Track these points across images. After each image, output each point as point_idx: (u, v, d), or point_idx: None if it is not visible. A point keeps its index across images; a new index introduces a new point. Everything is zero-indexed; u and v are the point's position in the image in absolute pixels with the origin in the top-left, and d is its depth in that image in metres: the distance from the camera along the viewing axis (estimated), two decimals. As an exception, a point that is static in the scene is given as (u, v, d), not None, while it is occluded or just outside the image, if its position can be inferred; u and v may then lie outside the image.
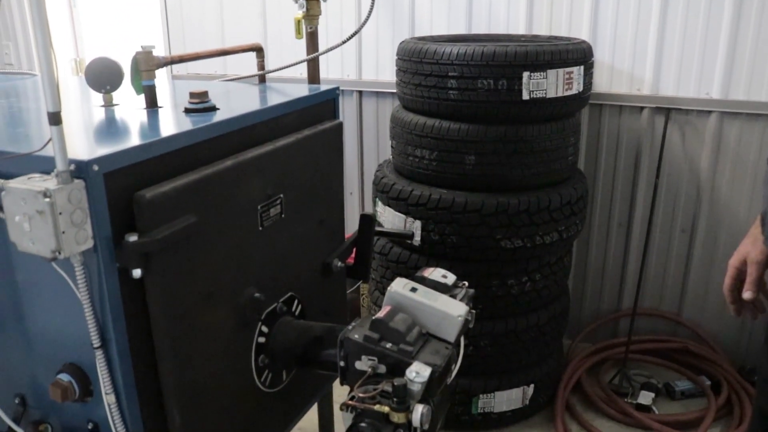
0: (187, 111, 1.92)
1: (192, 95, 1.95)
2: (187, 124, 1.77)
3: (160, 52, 4.32)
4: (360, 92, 4.05)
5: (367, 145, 4.14)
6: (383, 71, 3.90)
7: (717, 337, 3.62)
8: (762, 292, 1.65)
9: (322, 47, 3.19)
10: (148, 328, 1.53)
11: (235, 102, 2.18)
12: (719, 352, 3.57)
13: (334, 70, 4.03)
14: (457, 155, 2.82)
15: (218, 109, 1.94)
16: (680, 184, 3.54)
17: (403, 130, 2.99)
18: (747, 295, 1.61)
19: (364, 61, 3.98)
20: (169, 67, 2.66)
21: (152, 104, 2.00)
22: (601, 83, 3.51)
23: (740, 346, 3.59)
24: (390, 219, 3.00)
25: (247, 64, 2.52)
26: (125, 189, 1.44)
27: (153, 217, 1.45)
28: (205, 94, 1.96)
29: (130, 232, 1.43)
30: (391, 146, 3.17)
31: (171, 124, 1.87)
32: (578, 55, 2.84)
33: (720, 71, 3.29)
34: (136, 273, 1.44)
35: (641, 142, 3.53)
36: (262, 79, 2.60)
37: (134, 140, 1.58)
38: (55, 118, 1.30)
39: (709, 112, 3.38)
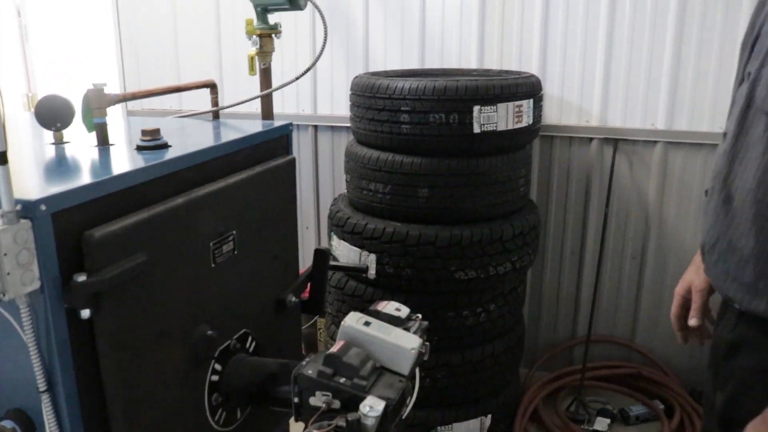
0: (139, 148, 1.91)
1: (144, 133, 1.94)
2: (138, 161, 1.77)
3: (114, 87, 4.35)
4: (315, 127, 4.08)
5: (323, 179, 4.16)
6: (338, 106, 3.93)
7: (669, 362, 3.70)
8: (707, 318, 1.70)
9: (277, 81, 3.21)
10: (97, 369, 1.51)
11: (188, 139, 2.18)
12: (671, 376, 3.64)
13: (289, 105, 4.06)
14: (411, 188, 2.85)
15: (170, 146, 1.93)
16: (629, 213, 3.64)
17: (357, 165, 3.02)
18: (692, 322, 1.66)
19: (319, 95, 4.01)
20: (123, 103, 2.65)
21: (104, 142, 1.99)
22: (552, 115, 3.60)
23: (691, 369, 3.67)
24: (345, 253, 3.01)
25: (203, 98, 2.53)
26: (74, 228, 1.43)
27: (102, 256, 1.44)
28: (157, 131, 1.95)
29: (79, 272, 1.41)
30: (346, 180, 3.20)
31: (122, 162, 1.86)
32: (527, 88, 2.92)
33: (664, 103, 3.41)
34: (85, 314, 1.42)
35: (591, 172, 3.62)
36: (215, 115, 2.60)
37: (84, 179, 1.57)
38: (0, 158, 1.29)
39: (655, 142, 3.50)
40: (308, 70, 2.57)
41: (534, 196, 3.70)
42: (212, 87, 2.57)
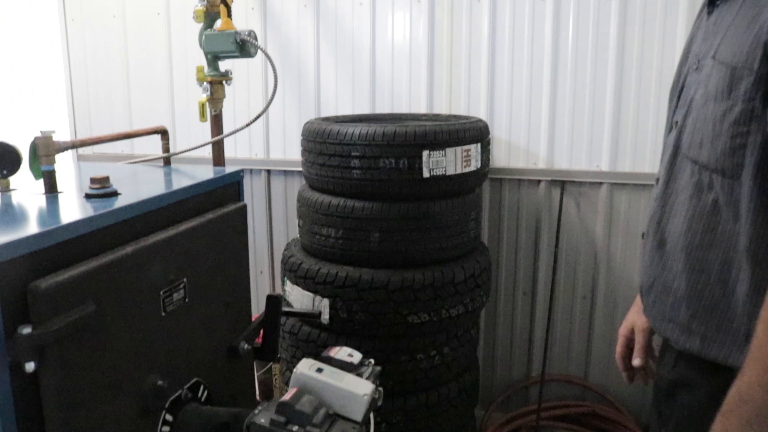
0: (88, 197, 1.90)
1: (93, 180, 1.93)
2: (87, 210, 1.75)
3: (65, 133, 4.29)
4: (268, 171, 4.09)
5: (276, 223, 4.16)
6: (291, 150, 3.96)
7: (623, 399, 3.75)
8: (650, 357, 1.75)
9: (229, 125, 3.23)
10: (42, 424, 1.47)
11: (138, 186, 2.17)
12: (625, 413, 3.69)
13: (242, 149, 4.07)
14: (362, 233, 2.87)
15: (120, 194, 1.92)
16: (579, 252, 3.72)
17: (309, 210, 3.03)
18: (636, 362, 1.71)
19: (271, 140, 4.04)
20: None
21: (51, 189, 1.97)
22: (500, 158, 3.69)
23: (645, 406, 3.73)
24: (299, 297, 3.01)
25: (155, 141, 2.53)
26: (19, 279, 1.41)
27: (48, 307, 1.42)
28: (106, 179, 1.94)
29: (24, 324, 1.39)
30: (299, 225, 3.21)
31: (70, 210, 1.84)
32: (475, 133, 2.99)
33: (607, 146, 3.52)
34: (30, 367, 1.39)
35: (540, 213, 3.70)
36: (166, 161, 2.60)
37: (30, 229, 1.55)
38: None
39: (600, 183, 3.60)
40: (258, 117, 2.59)
41: (485, 237, 3.76)
42: (163, 133, 2.56)
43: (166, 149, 2.58)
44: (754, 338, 1.05)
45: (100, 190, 1.91)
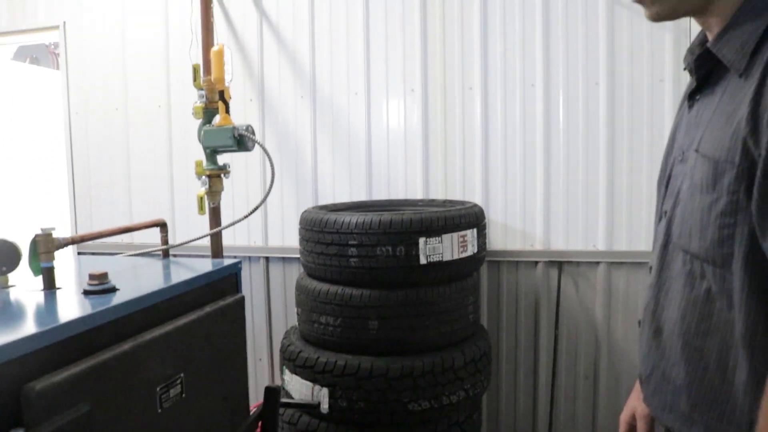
0: (86, 293, 1.91)
1: (91, 277, 1.95)
2: (85, 308, 1.76)
3: (66, 222, 4.33)
4: (267, 258, 4.11)
5: (275, 311, 4.15)
6: (289, 237, 4.00)
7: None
8: None
9: (228, 213, 3.27)
10: None
11: (137, 281, 2.18)
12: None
13: (240, 237, 4.10)
14: (361, 321, 2.87)
15: (118, 289, 1.94)
16: (579, 332, 3.70)
17: (307, 298, 3.04)
18: None
19: (270, 227, 4.08)
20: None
21: (50, 286, 1.99)
22: (497, 241, 3.71)
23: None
24: (297, 387, 2.98)
25: (155, 232, 2.57)
26: (13, 381, 1.40)
27: (42, 409, 1.41)
28: (104, 275, 1.96)
29: (17, 427, 1.38)
30: (297, 313, 3.21)
31: (68, 307, 1.84)
32: (471, 219, 3.02)
33: (602, 225, 3.56)
34: (22, 470, 1.37)
35: (539, 294, 3.70)
36: (165, 253, 2.62)
37: (26, 329, 1.55)
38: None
39: (598, 263, 3.61)
40: (256, 209, 2.64)
41: (484, 321, 3.75)
42: (162, 226, 2.60)
43: (165, 241, 2.61)
44: (756, 430, 1.05)
45: (99, 286, 1.93)
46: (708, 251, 1.19)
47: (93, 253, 4.33)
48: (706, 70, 1.23)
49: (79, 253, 4.44)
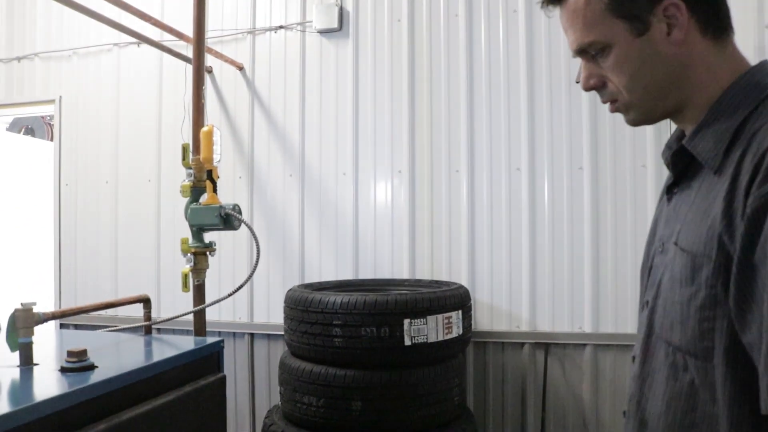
0: (63, 370, 1.89)
1: (70, 354, 1.93)
2: (61, 386, 1.73)
3: (50, 295, 4.30)
4: (252, 335, 4.08)
5: (259, 389, 4.09)
6: (275, 314, 3.97)
7: None
8: None
9: (214, 290, 3.26)
10: None
11: (116, 358, 2.16)
12: None
13: (226, 313, 4.08)
14: (344, 402, 2.83)
15: (96, 367, 1.91)
16: (566, 415, 3.65)
17: (290, 377, 3.00)
18: None
19: (256, 304, 4.06)
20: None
21: (27, 362, 1.96)
22: (483, 322, 3.70)
23: None
24: (278, 470, 2.91)
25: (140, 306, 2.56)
26: (-16, 464, 1.38)
27: (12, 496, 1.38)
28: (83, 352, 1.94)
29: None
30: (280, 392, 3.16)
31: (43, 386, 1.81)
32: (456, 300, 3.03)
33: (588, 307, 3.56)
34: None
35: (525, 376, 3.66)
36: (148, 329, 2.60)
37: None
38: None
39: (584, 345, 3.60)
40: (239, 288, 2.65)
41: (471, 403, 3.70)
42: (145, 302, 2.59)
43: (147, 318, 2.59)
44: None
45: (77, 363, 1.90)
46: (689, 344, 1.19)
47: (76, 326, 4.28)
48: (682, 165, 1.27)
49: (61, 326, 4.39)
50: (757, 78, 1.15)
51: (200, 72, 2.96)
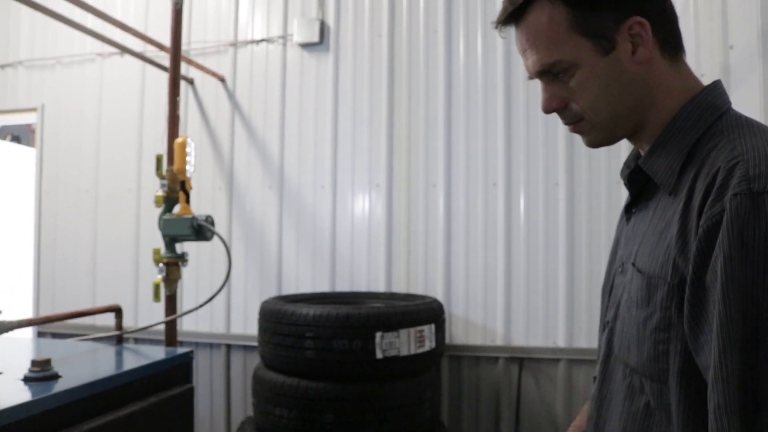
0: (27, 380, 1.89)
1: (34, 363, 1.93)
2: (21, 395, 1.74)
3: (28, 304, 4.29)
4: (228, 346, 4.08)
5: (235, 400, 4.09)
6: (251, 326, 3.97)
7: None
8: None
9: (191, 298, 3.26)
10: None
11: (82, 368, 2.15)
12: None
13: (203, 323, 4.08)
14: (315, 414, 2.84)
15: (60, 377, 1.91)
16: (540, 429, 3.66)
17: (263, 388, 3.01)
18: None
19: (232, 315, 4.06)
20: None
21: (-9, 371, 1.96)
22: (458, 335, 3.72)
23: None
24: (248, 481, 2.91)
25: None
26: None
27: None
28: (47, 362, 1.94)
29: None
30: (253, 404, 3.16)
31: (4, 395, 1.82)
32: (429, 314, 3.04)
33: (563, 322, 3.59)
34: None
35: (499, 390, 3.68)
36: (120, 339, 2.61)
37: (-42, 419, 1.53)
38: None
39: (558, 360, 3.62)
40: (209, 301, 2.67)
41: (445, 416, 3.71)
42: (117, 311, 2.60)
43: (119, 327, 2.60)
44: None
45: (40, 373, 1.90)
46: (645, 366, 1.19)
47: (53, 335, 4.27)
48: (639, 184, 1.27)
49: (39, 334, 4.38)
50: (710, 98, 1.15)
51: (176, 83, 2.98)
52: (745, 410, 0.95)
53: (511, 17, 1.20)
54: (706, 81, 1.18)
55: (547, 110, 1.22)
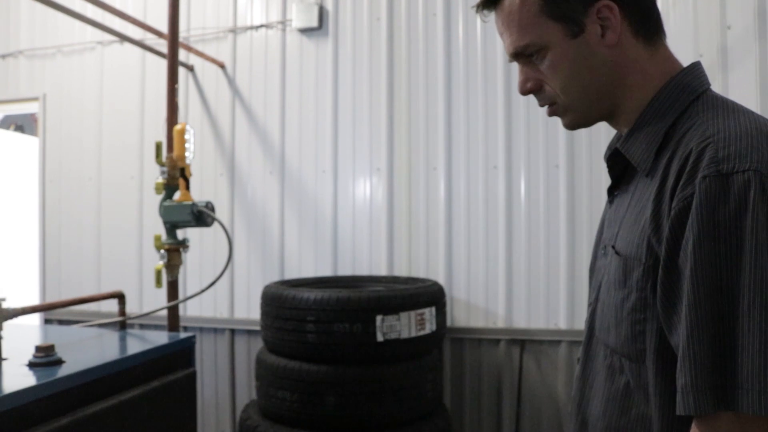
0: (31, 365, 1.92)
1: (38, 349, 1.96)
2: (26, 380, 1.77)
3: (34, 291, 4.33)
4: (232, 330, 4.11)
5: (239, 384, 4.13)
6: (254, 310, 4.00)
7: None
8: None
9: (194, 282, 3.28)
10: None
11: (85, 353, 2.19)
12: None
13: (207, 308, 4.11)
14: (317, 397, 2.87)
15: (64, 362, 1.95)
16: (541, 411, 3.69)
17: (265, 372, 3.04)
18: None
19: (236, 300, 4.09)
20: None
21: (-5, 357, 2.00)
22: (460, 318, 3.74)
23: None
24: (253, 463, 2.95)
25: (129, 298, 2.60)
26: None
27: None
28: (51, 347, 1.97)
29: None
30: (256, 387, 3.20)
31: (9, 380, 1.85)
32: (429, 297, 3.06)
33: (564, 304, 3.60)
34: None
35: (501, 372, 3.71)
36: (123, 325, 2.64)
37: (-40, 403, 1.56)
38: None
39: (559, 341, 3.64)
40: (208, 287, 2.70)
41: (447, 398, 3.74)
42: (120, 297, 2.62)
43: (122, 313, 2.63)
44: None
45: (44, 358, 1.94)
46: (623, 346, 1.21)
47: (60, 321, 4.32)
48: (620, 167, 1.28)
49: (46, 321, 4.42)
50: (687, 80, 1.16)
51: (174, 70, 2.99)
52: (715, 391, 0.96)
53: (488, 1, 1.22)
54: (704, 61, 1.19)
55: (523, 91, 1.25)
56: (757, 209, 0.95)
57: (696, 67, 1.20)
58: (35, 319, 4.35)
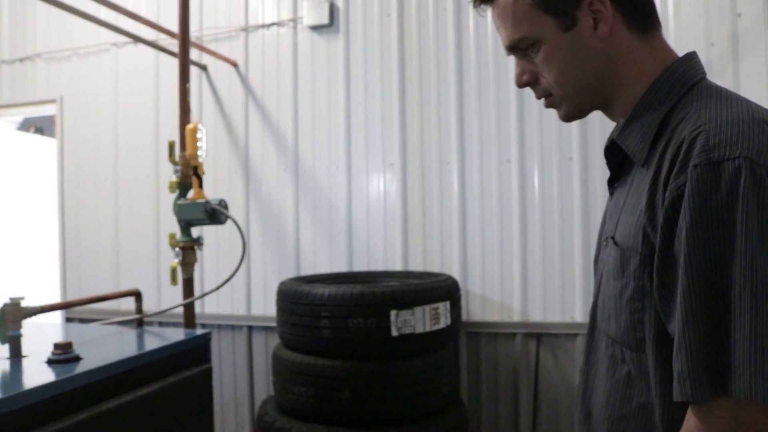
0: (50, 362, 1.95)
1: (56, 346, 2.00)
2: (45, 376, 1.80)
3: (55, 289, 4.39)
4: (250, 327, 4.14)
5: (258, 380, 4.16)
6: (271, 307, 4.01)
7: None
8: None
9: (211, 279, 3.31)
10: None
11: (103, 350, 2.22)
12: None
13: (224, 305, 4.15)
14: (333, 392, 2.89)
15: (81, 359, 1.98)
16: (558, 404, 3.68)
17: (282, 368, 3.07)
18: None
19: (253, 297, 4.12)
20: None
21: (16, 354, 2.03)
22: (476, 312, 3.74)
23: None
24: (271, 458, 2.97)
25: (148, 297, 2.63)
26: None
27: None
28: (69, 345, 2.00)
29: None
30: (272, 383, 3.22)
31: (29, 376, 1.88)
32: (444, 291, 3.07)
33: (579, 297, 3.59)
34: None
35: (518, 366, 3.70)
36: (140, 322, 2.67)
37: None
38: None
39: (576, 334, 3.62)
40: (227, 281, 2.73)
41: (464, 392, 3.74)
42: (137, 295, 2.66)
43: (138, 310, 2.66)
44: None
45: (62, 355, 1.97)
46: (623, 335, 1.21)
47: (80, 320, 4.38)
48: (617, 159, 1.29)
49: (66, 320, 4.49)
50: (681, 70, 1.17)
51: (185, 69, 3.02)
52: (710, 377, 0.97)
53: None
54: (716, 50, 1.20)
55: (519, 84, 1.26)
56: (747, 196, 0.95)
57: (691, 57, 1.21)
58: (57, 318, 4.42)
